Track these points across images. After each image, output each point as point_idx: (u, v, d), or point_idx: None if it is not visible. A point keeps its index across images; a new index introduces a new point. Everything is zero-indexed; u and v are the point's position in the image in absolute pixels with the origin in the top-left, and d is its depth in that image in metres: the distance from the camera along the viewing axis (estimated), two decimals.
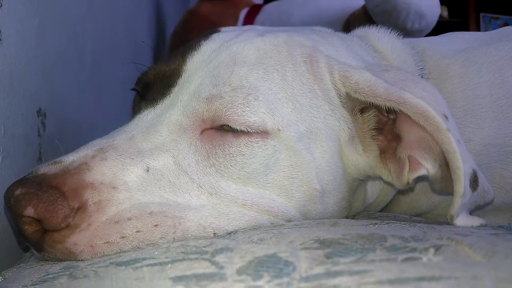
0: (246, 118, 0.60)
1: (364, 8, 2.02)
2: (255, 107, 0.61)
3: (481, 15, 4.41)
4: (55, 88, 0.98)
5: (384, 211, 0.87)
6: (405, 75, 0.69)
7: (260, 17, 2.33)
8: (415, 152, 0.66)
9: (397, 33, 0.87)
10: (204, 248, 0.43)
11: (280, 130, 0.62)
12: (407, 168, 0.66)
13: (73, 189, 0.53)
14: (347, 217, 0.75)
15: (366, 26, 0.89)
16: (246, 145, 0.61)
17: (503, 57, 0.84)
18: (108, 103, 1.44)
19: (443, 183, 0.65)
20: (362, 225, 0.59)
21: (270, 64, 0.65)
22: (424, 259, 0.36)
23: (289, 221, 0.65)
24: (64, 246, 0.52)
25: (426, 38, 0.94)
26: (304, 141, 0.64)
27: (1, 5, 0.74)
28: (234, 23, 2.26)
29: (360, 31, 0.88)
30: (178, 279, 0.35)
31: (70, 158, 0.56)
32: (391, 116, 0.68)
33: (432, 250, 0.39)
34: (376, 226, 0.59)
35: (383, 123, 0.69)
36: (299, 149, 0.63)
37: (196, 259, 0.39)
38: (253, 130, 0.60)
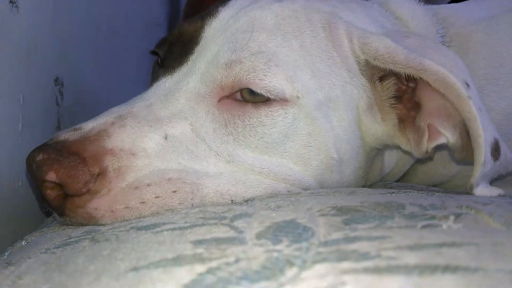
0: (267, 82, 0.59)
1: None
2: (275, 73, 0.60)
3: None
4: (72, 57, 0.98)
5: (401, 181, 0.87)
6: (426, 42, 0.67)
7: None
8: (434, 120, 0.65)
9: None
10: (222, 214, 0.44)
11: (299, 98, 0.61)
12: (426, 136, 0.65)
13: (93, 156, 0.53)
14: (363, 187, 0.75)
15: None
16: (267, 115, 0.61)
17: None
18: (124, 71, 1.44)
19: (464, 152, 0.64)
20: (379, 193, 0.59)
21: (288, 30, 0.64)
22: (444, 226, 0.36)
23: (306, 189, 0.65)
24: (85, 210, 0.53)
25: (448, 5, 0.91)
26: (323, 109, 0.63)
27: None
28: None
29: None
30: (198, 242, 0.35)
31: (90, 125, 0.57)
32: (411, 84, 0.67)
33: (452, 218, 0.38)
34: (394, 194, 0.59)
35: (402, 91, 0.68)
36: (317, 117, 0.63)
37: (215, 224, 0.39)
38: (273, 96, 0.60)
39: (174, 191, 0.55)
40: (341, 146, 0.66)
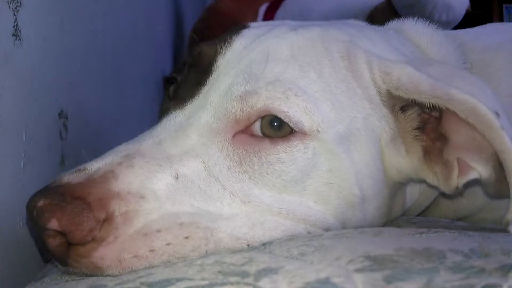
0: (285, 109, 0.56)
1: (388, 1, 1.95)
2: (294, 102, 0.57)
3: (504, 6, 4.28)
4: (76, 89, 0.95)
5: (423, 215, 0.82)
6: (451, 70, 0.64)
7: (280, 12, 2.27)
8: (463, 154, 0.60)
9: (435, 25, 0.81)
10: (243, 268, 0.39)
11: (319, 132, 0.57)
12: (456, 171, 0.61)
13: (98, 200, 0.49)
14: (386, 223, 0.70)
15: (401, 19, 0.84)
16: (285, 151, 0.57)
17: None
18: (129, 102, 1.41)
19: (498, 185, 0.60)
20: (409, 234, 0.54)
21: (305, 60, 0.61)
22: (505, 286, 0.32)
23: (327, 230, 0.60)
24: (90, 260, 0.49)
25: (463, 30, 0.88)
26: (344, 143, 0.59)
27: (20, 4, 0.71)
28: (253, 19, 2.22)
29: (394, 24, 0.82)
30: None
31: (95, 166, 0.53)
32: (434, 114, 0.63)
33: (510, 275, 0.34)
34: (424, 236, 0.54)
35: (425, 122, 0.64)
36: (338, 152, 0.59)
37: (238, 283, 0.35)
38: (292, 124, 0.56)
39: (187, 237, 0.51)
40: (363, 182, 0.61)
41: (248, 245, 0.55)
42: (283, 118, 0.56)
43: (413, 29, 0.79)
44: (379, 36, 0.71)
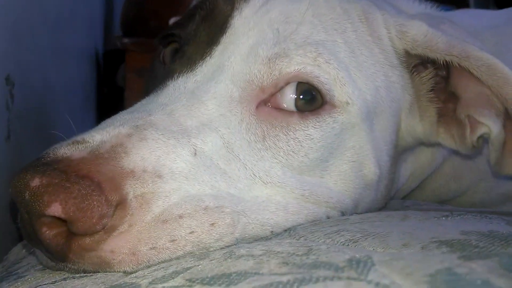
0: (318, 75, 0.51)
1: None
2: (326, 71, 0.51)
3: None
4: (21, 55, 0.81)
5: (408, 198, 0.81)
6: (461, 29, 0.62)
7: None
8: (472, 110, 0.59)
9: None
10: (320, 259, 0.33)
11: (348, 104, 0.52)
12: (468, 129, 0.59)
13: (110, 179, 0.39)
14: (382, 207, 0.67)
15: None
16: (314, 126, 0.51)
17: None
18: (68, 73, 1.26)
19: (505, 148, 0.59)
20: (435, 217, 0.52)
21: (328, 23, 0.55)
22: None
23: (343, 213, 0.56)
24: (97, 254, 0.39)
25: (455, 11, 0.88)
26: (369, 116, 0.55)
27: None
28: None
29: None
30: None
31: (98, 137, 0.42)
32: (441, 73, 0.61)
33: None
34: (452, 218, 0.51)
35: (437, 83, 0.62)
36: (362, 127, 0.54)
37: (338, 278, 0.28)
38: (325, 90, 0.51)
39: (213, 224, 0.43)
40: (381, 159, 0.58)
41: (271, 231, 0.48)
42: (315, 83, 0.50)
43: (408, 4, 0.76)
44: (382, 0, 0.68)
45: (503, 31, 0.79)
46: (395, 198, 0.77)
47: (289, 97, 0.51)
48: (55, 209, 0.37)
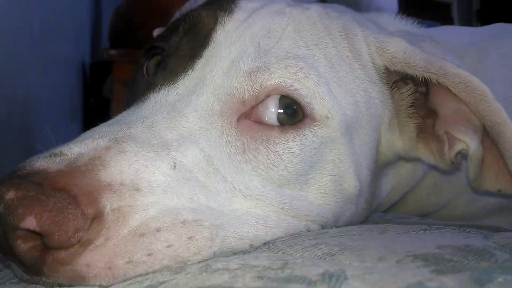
0: (297, 88, 0.51)
1: (322, 1, 1.97)
2: (306, 85, 0.52)
3: None
4: (4, 61, 0.80)
5: (390, 211, 0.82)
6: (441, 46, 0.63)
7: None
8: (450, 127, 0.60)
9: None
10: (296, 274, 0.33)
11: (328, 118, 0.53)
12: (446, 145, 0.60)
13: (86, 193, 0.39)
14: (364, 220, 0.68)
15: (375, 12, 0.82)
16: (295, 140, 0.51)
17: None
18: (53, 83, 1.25)
19: (484, 164, 0.60)
20: (413, 231, 0.52)
21: (309, 38, 0.56)
22: None
23: (323, 226, 0.56)
24: (73, 268, 0.39)
25: (435, 28, 0.89)
26: (349, 131, 0.56)
27: None
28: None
29: (370, 15, 0.81)
30: None
31: (75, 150, 0.42)
32: (421, 89, 0.62)
33: None
34: (430, 232, 0.52)
35: (416, 99, 0.63)
36: (342, 141, 0.55)
37: None
38: (305, 103, 0.51)
39: (190, 238, 0.43)
40: (361, 173, 0.58)
41: (251, 245, 0.48)
42: (295, 97, 0.51)
43: (389, 21, 0.77)
44: (362, 17, 0.69)
45: (483, 48, 0.81)
46: (377, 211, 0.78)
47: (270, 111, 0.51)
48: (30, 223, 0.37)
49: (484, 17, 4.20)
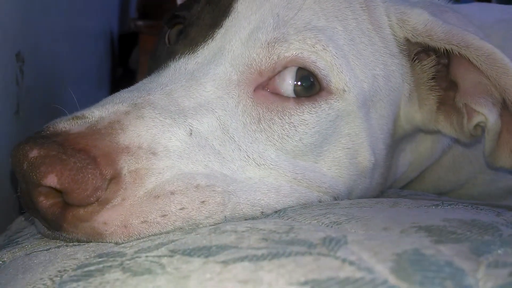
0: (315, 61, 0.51)
1: None
2: (323, 58, 0.52)
3: None
4: (33, 32, 0.83)
5: (407, 188, 0.82)
6: (464, 18, 0.62)
7: None
8: (469, 99, 0.60)
9: None
10: (297, 237, 0.34)
11: (345, 91, 0.53)
12: (465, 117, 0.60)
13: (105, 154, 0.41)
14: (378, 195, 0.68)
15: None
16: (310, 112, 0.52)
17: None
18: (80, 54, 1.28)
19: (496, 145, 0.59)
20: (425, 206, 0.52)
21: (329, 9, 0.55)
22: None
23: (336, 198, 0.57)
24: (91, 225, 0.41)
25: (463, 5, 0.87)
26: (366, 104, 0.56)
27: None
28: None
29: None
30: (305, 284, 0.26)
31: (96, 113, 0.44)
32: (443, 61, 0.62)
33: None
34: (442, 207, 0.52)
35: (438, 71, 0.62)
36: (358, 115, 0.55)
37: (309, 253, 0.30)
38: (321, 76, 0.52)
39: (203, 202, 0.44)
40: (377, 147, 0.58)
41: (261, 212, 0.49)
42: (312, 69, 0.51)
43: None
44: None
45: (510, 26, 0.79)
46: (394, 187, 0.78)
47: (287, 83, 0.52)
48: (51, 180, 0.39)
49: None
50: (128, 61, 2.02)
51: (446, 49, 0.57)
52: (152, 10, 2.10)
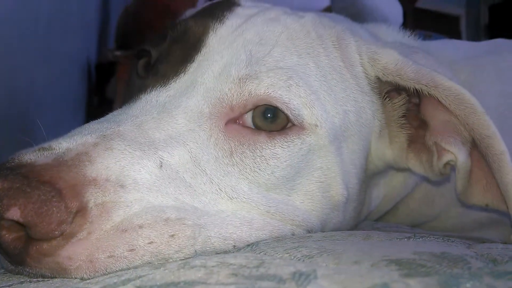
0: (287, 100, 0.52)
1: (327, 10, 1.98)
2: (296, 94, 0.52)
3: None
4: (8, 55, 0.82)
5: (380, 221, 0.82)
6: (434, 58, 0.64)
7: None
8: (439, 137, 0.61)
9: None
10: (268, 272, 0.33)
11: (317, 126, 0.53)
12: (435, 156, 0.61)
13: (71, 186, 0.40)
14: (352, 228, 0.68)
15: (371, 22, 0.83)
16: (282, 146, 0.52)
17: (509, 67, 0.81)
18: (56, 79, 1.27)
19: (467, 184, 0.60)
20: (397, 238, 0.53)
21: (302, 47, 0.57)
22: None
23: (309, 231, 0.56)
24: (55, 260, 0.40)
25: (432, 41, 0.90)
26: (337, 139, 0.56)
27: None
28: (192, 5, 2.14)
29: (368, 25, 0.81)
30: None
31: (64, 145, 0.43)
32: (414, 100, 0.63)
33: None
34: (413, 240, 0.52)
35: (408, 109, 0.63)
36: (330, 149, 0.56)
37: None
38: (292, 116, 0.52)
39: (172, 235, 0.44)
40: (349, 181, 0.59)
41: (234, 245, 0.49)
42: (283, 109, 0.52)
43: (386, 32, 0.78)
44: (359, 27, 0.70)
45: (478, 62, 0.82)
46: (368, 219, 0.78)
47: (258, 118, 0.52)
48: (14, 213, 0.38)
49: (492, 32, 4.20)
50: (105, 91, 2.02)
51: (416, 89, 0.59)
52: (131, 40, 2.11)
